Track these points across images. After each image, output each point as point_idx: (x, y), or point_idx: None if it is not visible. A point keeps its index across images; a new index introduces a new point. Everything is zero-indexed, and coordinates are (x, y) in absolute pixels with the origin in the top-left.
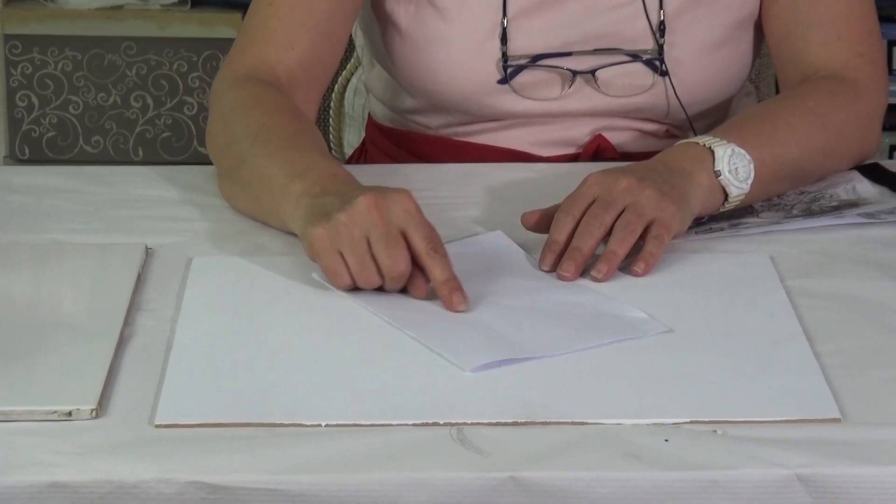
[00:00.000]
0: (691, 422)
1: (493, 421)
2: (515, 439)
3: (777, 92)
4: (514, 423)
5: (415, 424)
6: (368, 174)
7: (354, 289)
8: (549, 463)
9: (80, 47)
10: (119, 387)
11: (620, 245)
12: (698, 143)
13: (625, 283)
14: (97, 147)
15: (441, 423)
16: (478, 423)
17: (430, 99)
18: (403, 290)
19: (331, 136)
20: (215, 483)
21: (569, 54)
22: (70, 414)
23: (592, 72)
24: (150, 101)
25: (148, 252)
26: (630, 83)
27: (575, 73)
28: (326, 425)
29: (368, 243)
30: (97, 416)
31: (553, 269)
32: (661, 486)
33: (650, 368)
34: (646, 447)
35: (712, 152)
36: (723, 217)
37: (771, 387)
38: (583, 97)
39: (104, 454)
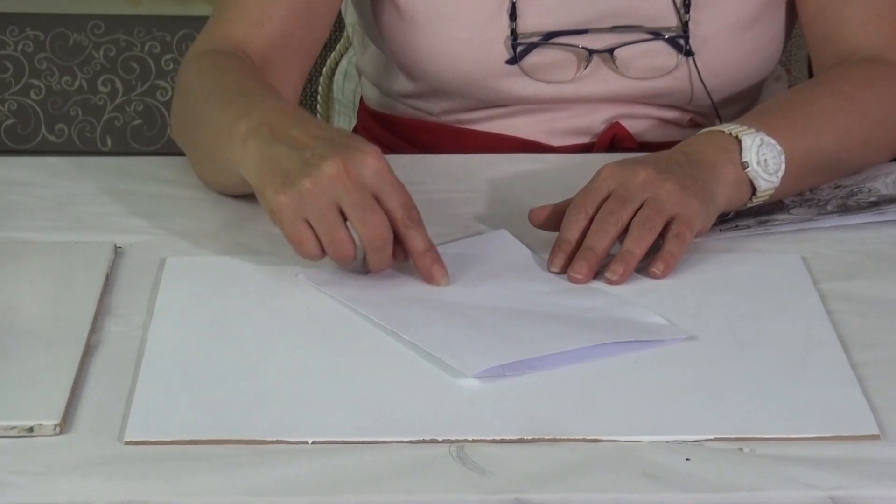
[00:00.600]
0: (715, 439)
1: (497, 438)
2: (521, 458)
3: (810, 76)
4: (520, 441)
5: (411, 441)
6: None
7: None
8: (558, 484)
9: (41, 26)
10: (85, 400)
11: (638, 244)
12: (724, 132)
13: (642, 286)
14: (61, 136)
15: (440, 440)
16: (480, 441)
17: (431, 82)
18: (396, 289)
19: None
20: None
21: (585, 32)
22: (31, 430)
23: (610, 51)
24: (119, 85)
25: (117, 251)
26: (651, 64)
27: (591, 52)
28: (313, 442)
29: (340, 211)
30: (61, 433)
31: (564, 270)
32: None
33: (670, 380)
34: (665, 467)
35: (739, 142)
36: (750, 213)
37: (803, 400)
38: (599, 80)
39: (69, 474)
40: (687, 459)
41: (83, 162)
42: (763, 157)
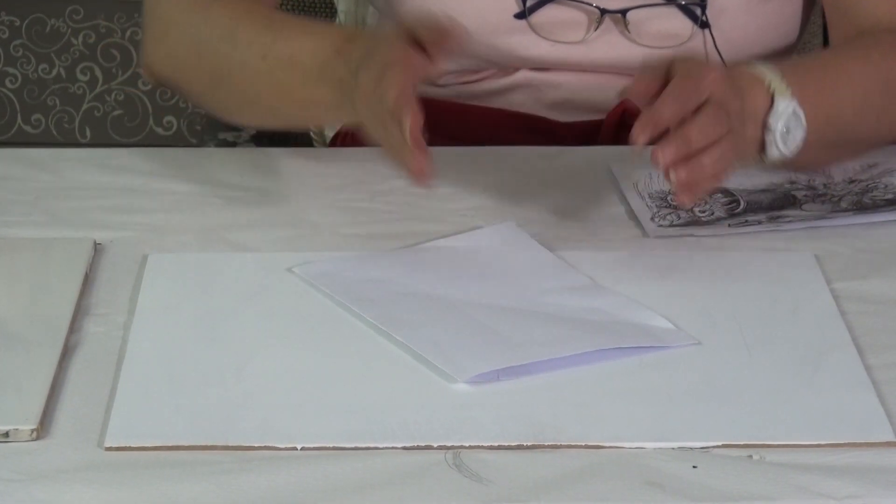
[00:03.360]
0: (723, 445)
1: (495, 444)
2: (521, 465)
3: None
4: (520, 447)
5: (405, 448)
6: (350, 160)
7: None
8: (558, 493)
9: (17, 11)
10: (63, 404)
11: (702, 136)
12: (762, 81)
13: (647, 287)
14: (38, 127)
15: (435, 446)
16: (477, 447)
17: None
18: (394, 284)
19: (312, 135)
20: None
21: None
22: (7, 435)
23: (623, 12)
24: (98, 73)
25: (97, 248)
26: (664, 31)
27: (604, 11)
28: (302, 448)
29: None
30: (38, 438)
31: (650, 142)
32: None
33: (676, 384)
34: (671, 475)
35: (773, 102)
36: (761, 209)
37: (815, 405)
38: (609, 45)
39: (46, 481)
40: (694, 467)
41: (61, 154)
42: (787, 127)
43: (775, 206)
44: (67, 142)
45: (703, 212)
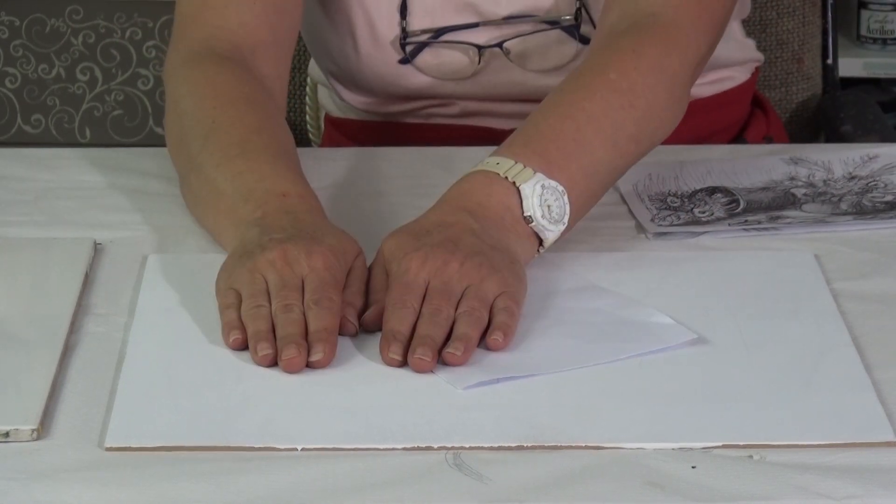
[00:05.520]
0: (723, 446)
1: (496, 445)
2: (521, 466)
3: (823, 66)
4: (520, 448)
5: (405, 449)
6: (344, 160)
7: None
8: (558, 493)
9: (17, 11)
10: (63, 404)
11: (472, 328)
12: (499, 176)
13: (648, 287)
14: (38, 127)
15: (435, 446)
16: (477, 448)
17: (351, 77)
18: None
19: (311, 136)
20: None
21: (475, 25)
22: (7, 435)
23: (500, 44)
24: (98, 73)
25: (97, 248)
26: (547, 56)
27: (481, 48)
28: (302, 449)
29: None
30: (39, 438)
31: (404, 358)
32: None
33: (676, 384)
34: (670, 475)
35: (519, 192)
36: (761, 209)
37: (815, 405)
38: (500, 72)
39: (47, 481)
40: (693, 467)
41: (61, 154)
42: (546, 205)
43: (775, 205)
44: (67, 142)
45: (703, 212)
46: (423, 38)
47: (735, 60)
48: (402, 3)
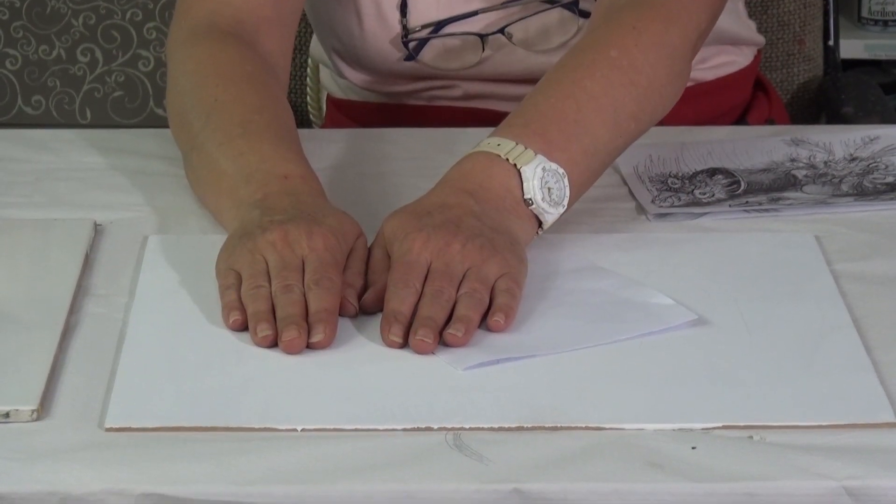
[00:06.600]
0: (723, 427)
1: (496, 425)
2: (520, 446)
3: (825, 47)
4: (520, 428)
5: (405, 429)
6: (344, 141)
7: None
8: (558, 473)
9: None
10: (64, 384)
11: (473, 310)
12: (500, 158)
13: (648, 268)
14: (38, 108)
15: (435, 427)
16: (478, 428)
17: (354, 54)
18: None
19: (312, 117)
20: (174, 495)
21: (474, 14)
22: (7, 415)
23: (502, 30)
24: (99, 55)
25: (97, 229)
26: (551, 35)
27: (483, 36)
28: (303, 430)
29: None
30: (39, 418)
31: (405, 339)
32: (689, 500)
33: (676, 365)
34: (671, 456)
35: (519, 174)
36: (761, 190)
37: (816, 386)
38: (507, 57)
39: (47, 461)
40: (693, 448)
41: (61, 135)
42: (546, 187)
43: (776, 186)
44: (68, 123)
45: (704, 193)
46: (424, 33)
47: (740, 38)
48: (402, 1)
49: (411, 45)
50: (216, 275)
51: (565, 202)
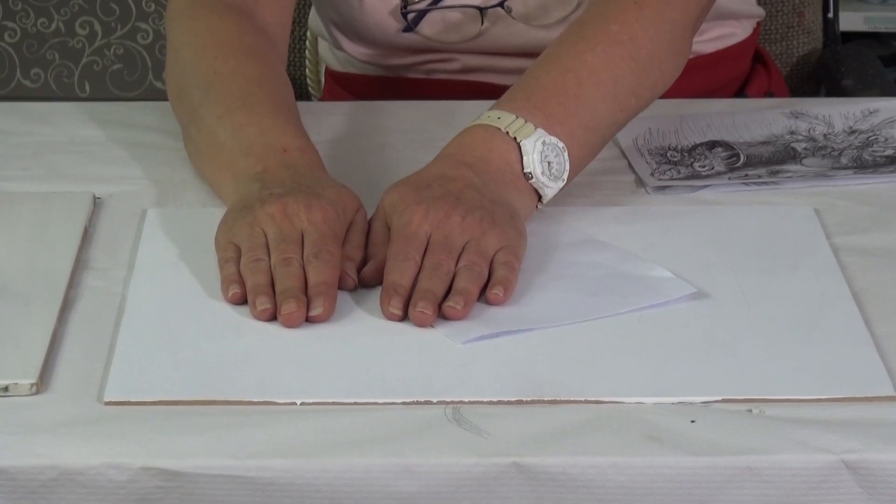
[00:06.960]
0: (722, 400)
1: (495, 399)
2: (520, 420)
3: (825, 20)
4: (519, 402)
5: (404, 403)
6: (343, 114)
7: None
8: (558, 447)
9: None
10: (63, 358)
11: (472, 283)
12: (500, 131)
13: (648, 240)
14: (37, 81)
15: (434, 401)
16: (477, 402)
17: (353, 27)
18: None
19: (311, 90)
20: (173, 469)
21: None
22: (7, 389)
23: (502, 3)
24: (98, 27)
25: (96, 202)
26: (551, 9)
27: (482, 9)
28: (302, 403)
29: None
30: (38, 392)
31: (404, 312)
32: (688, 473)
33: (675, 339)
34: (670, 429)
35: (519, 148)
36: (761, 163)
37: (815, 360)
38: (507, 31)
39: (46, 435)
40: (692, 421)
41: (60, 108)
42: (546, 161)
43: (775, 159)
44: (66, 96)
45: (703, 166)
46: (423, 5)
47: (739, 11)
48: None
49: (410, 16)
50: (215, 248)
51: (565, 176)
